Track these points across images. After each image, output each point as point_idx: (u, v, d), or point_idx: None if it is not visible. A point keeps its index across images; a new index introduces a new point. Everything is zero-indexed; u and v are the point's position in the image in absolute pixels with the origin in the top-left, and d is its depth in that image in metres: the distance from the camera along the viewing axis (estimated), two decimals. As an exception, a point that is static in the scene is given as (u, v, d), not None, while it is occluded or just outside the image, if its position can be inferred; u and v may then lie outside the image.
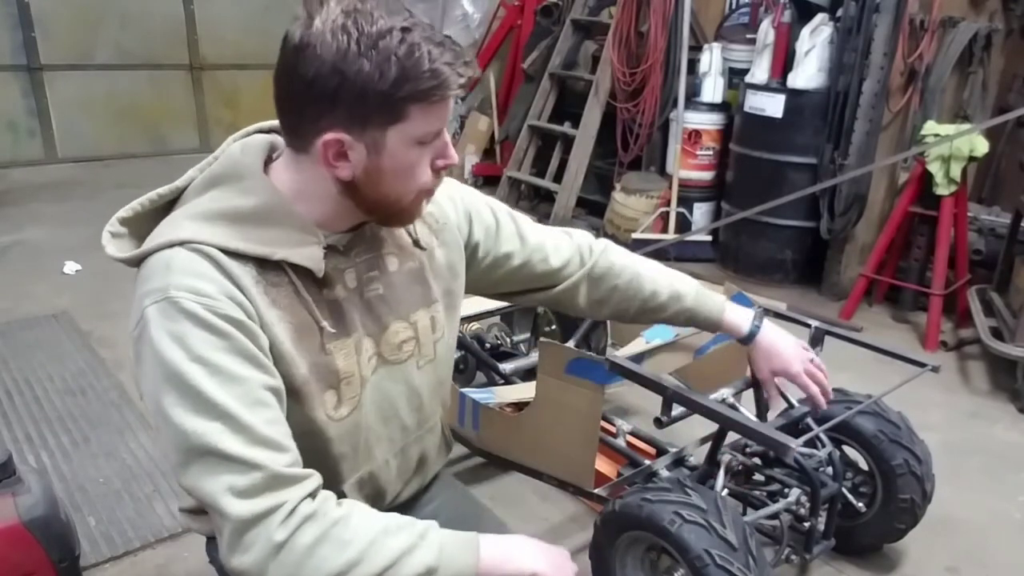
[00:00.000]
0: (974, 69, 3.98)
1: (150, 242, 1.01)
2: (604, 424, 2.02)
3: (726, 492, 1.75)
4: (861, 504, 1.90)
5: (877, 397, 1.85)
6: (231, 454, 0.91)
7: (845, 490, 1.85)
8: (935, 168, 3.34)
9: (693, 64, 4.57)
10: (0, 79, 5.70)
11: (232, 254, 0.98)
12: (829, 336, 2.05)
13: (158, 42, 6.27)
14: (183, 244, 0.97)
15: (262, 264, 1.00)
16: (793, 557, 1.78)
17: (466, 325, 2.55)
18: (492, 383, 2.39)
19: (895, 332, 3.65)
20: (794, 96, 3.97)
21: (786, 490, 1.78)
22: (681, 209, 4.62)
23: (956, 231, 3.51)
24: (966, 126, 3.35)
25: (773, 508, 1.71)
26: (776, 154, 4.06)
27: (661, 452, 2.02)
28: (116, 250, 1.04)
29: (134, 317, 0.98)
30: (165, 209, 1.07)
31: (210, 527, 1.23)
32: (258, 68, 6.85)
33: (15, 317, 3.33)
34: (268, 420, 0.95)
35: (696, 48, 4.62)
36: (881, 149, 3.83)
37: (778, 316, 2.19)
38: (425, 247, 1.20)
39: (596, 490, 1.79)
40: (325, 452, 1.09)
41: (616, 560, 1.64)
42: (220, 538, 0.94)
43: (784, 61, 4.06)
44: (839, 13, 3.82)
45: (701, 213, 4.71)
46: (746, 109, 4.18)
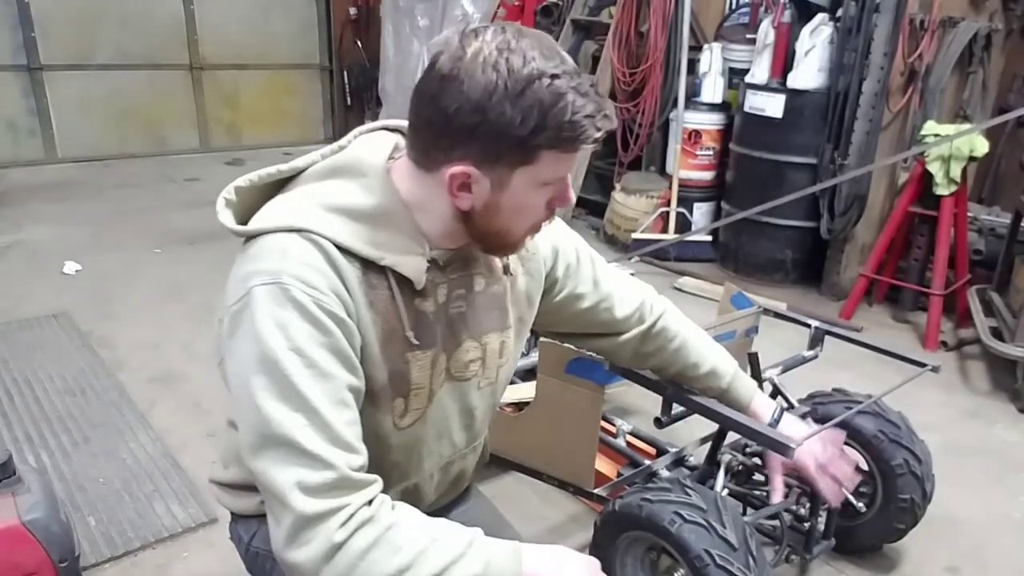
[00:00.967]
0: (974, 69, 3.98)
1: (266, 220, 1.01)
2: (604, 424, 2.02)
3: (726, 492, 1.75)
4: (861, 504, 1.90)
5: (877, 397, 1.85)
6: (308, 449, 0.92)
7: (845, 490, 1.85)
8: (935, 168, 3.34)
9: (693, 64, 4.57)
10: (0, 79, 5.70)
11: (343, 250, 0.99)
12: (829, 336, 2.05)
13: (158, 42, 6.27)
14: (300, 231, 0.98)
15: (367, 264, 1.01)
16: (793, 557, 1.78)
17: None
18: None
19: (895, 332, 3.65)
20: (794, 96, 3.97)
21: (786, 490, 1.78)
22: (681, 209, 4.62)
23: (956, 231, 3.51)
24: (966, 126, 3.35)
25: (773, 508, 1.71)
26: (776, 154, 4.06)
27: (661, 452, 2.02)
28: (227, 219, 1.05)
29: (235, 291, 0.98)
30: (276, 186, 1.09)
31: (242, 504, 1.25)
32: (258, 68, 6.86)
33: (15, 317, 3.33)
34: (348, 421, 0.97)
35: (696, 48, 4.62)
36: (881, 149, 3.83)
37: (778, 316, 2.20)
38: (512, 273, 1.21)
39: (596, 490, 1.80)
40: (382, 458, 1.10)
41: (616, 560, 1.64)
42: (275, 527, 0.95)
43: (784, 61, 4.06)
44: (839, 13, 3.82)
45: (701, 213, 4.71)
46: (746, 109, 4.19)
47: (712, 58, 4.50)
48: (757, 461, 1.83)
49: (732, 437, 1.75)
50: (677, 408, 1.68)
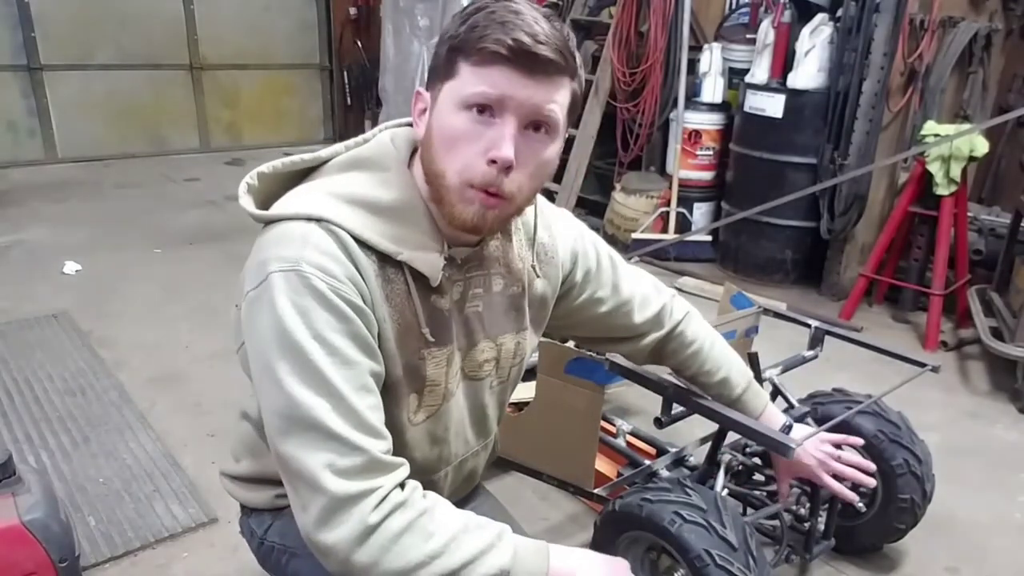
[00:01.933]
0: (974, 69, 3.98)
1: (286, 208, 1.01)
2: (604, 424, 2.02)
3: (726, 492, 1.75)
4: (861, 504, 1.90)
5: (877, 397, 1.85)
6: (336, 432, 0.92)
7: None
8: (935, 168, 3.34)
9: (693, 64, 4.58)
10: (0, 79, 5.70)
11: (361, 243, 0.99)
12: (829, 336, 2.05)
13: (158, 42, 6.27)
14: (319, 221, 0.98)
15: (384, 258, 1.01)
16: (793, 557, 1.78)
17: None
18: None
19: (895, 332, 3.65)
20: (794, 96, 3.97)
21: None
22: (681, 209, 4.62)
23: (956, 231, 3.51)
24: (966, 126, 3.35)
25: (773, 508, 1.71)
26: (776, 154, 4.07)
27: (661, 452, 2.02)
28: (248, 204, 1.05)
29: (254, 276, 0.98)
30: (298, 175, 1.09)
31: (255, 498, 1.25)
32: (258, 68, 6.86)
33: (15, 317, 3.33)
34: (371, 406, 0.97)
35: (696, 48, 4.63)
36: (881, 149, 3.83)
37: (778, 316, 2.20)
38: (540, 275, 1.21)
39: (596, 490, 1.80)
40: (397, 454, 1.10)
41: (616, 560, 1.64)
42: (302, 512, 0.95)
43: (784, 61, 4.06)
44: (839, 13, 3.82)
45: (701, 213, 4.71)
46: (746, 109, 4.19)
47: (712, 58, 4.51)
48: (757, 461, 1.83)
49: (732, 437, 1.75)
50: (677, 408, 1.68)
